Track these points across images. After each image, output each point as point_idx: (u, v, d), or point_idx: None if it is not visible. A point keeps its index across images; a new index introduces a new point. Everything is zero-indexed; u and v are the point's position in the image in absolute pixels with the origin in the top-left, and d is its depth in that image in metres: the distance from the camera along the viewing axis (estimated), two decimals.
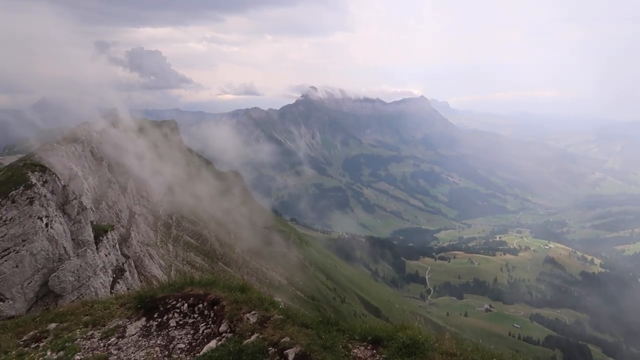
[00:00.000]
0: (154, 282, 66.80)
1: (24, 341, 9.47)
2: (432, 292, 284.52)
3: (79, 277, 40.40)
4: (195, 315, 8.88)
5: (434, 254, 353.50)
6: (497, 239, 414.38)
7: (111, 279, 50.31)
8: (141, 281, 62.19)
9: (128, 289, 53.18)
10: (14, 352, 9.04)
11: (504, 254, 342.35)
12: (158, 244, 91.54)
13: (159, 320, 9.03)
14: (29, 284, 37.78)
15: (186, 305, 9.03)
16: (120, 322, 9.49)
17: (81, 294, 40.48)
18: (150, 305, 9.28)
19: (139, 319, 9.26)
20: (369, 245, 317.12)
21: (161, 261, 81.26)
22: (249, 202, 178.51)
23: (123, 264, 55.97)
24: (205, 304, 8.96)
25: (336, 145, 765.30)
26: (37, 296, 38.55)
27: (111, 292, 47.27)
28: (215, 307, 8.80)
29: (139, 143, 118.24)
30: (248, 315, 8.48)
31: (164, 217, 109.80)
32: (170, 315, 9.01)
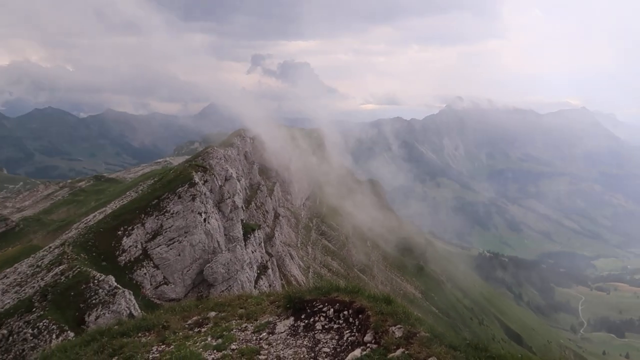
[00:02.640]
0: (293, 282, 69.92)
1: (189, 325, 10.58)
2: (585, 326, 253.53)
3: (228, 270, 43.92)
4: (341, 322, 8.85)
5: (589, 283, 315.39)
6: None
7: (255, 275, 53.88)
8: (281, 279, 65.58)
9: (270, 285, 56.43)
10: (180, 333, 10.16)
11: None
12: (298, 245, 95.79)
13: (306, 321, 9.19)
14: (187, 271, 42.12)
15: (332, 310, 9.06)
16: (271, 319, 9.88)
17: (230, 286, 43.91)
18: (298, 306, 9.54)
19: (287, 317, 9.54)
20: (512, 266, 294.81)
21: (300, 262, 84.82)
22: (386, 211, 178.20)
23: (267, 262, 59.59)
24: (350, 311, 8.89)
25: (481, 158, 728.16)
26: (194, 283, 42.80)
27: (255, 287, 50.54)
28: (360, 316, 8.66)
29: (287, 149, 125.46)
30: (394, 328, 8.15)
31: (305, 220, 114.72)
32: (317, 319, 9.12)
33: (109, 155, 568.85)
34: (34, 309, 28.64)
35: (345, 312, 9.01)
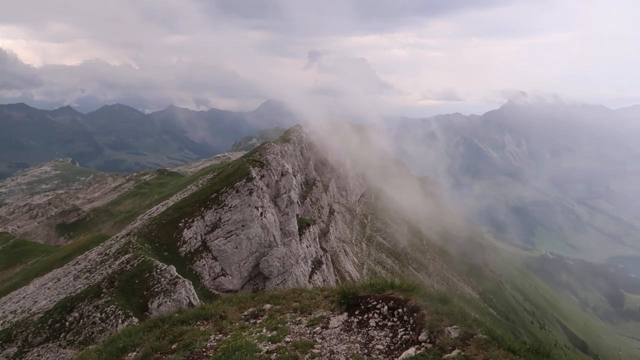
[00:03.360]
0: (347, 278, 69.96)
1: (245, 316, 10.90)
2: None
3: (283, 264, 44.58)
4: (395, 319, 8.73)
5: None
6: None
7: (310, 269, 54.36)
8: (335, 275, 65.79)
9: (324, 280, 56.76)
10: (237, 324, 10.49)
11: None
12: (353, 241, 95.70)
13: (360, 317, 9.15)
14: (244, 264, 43.15)
15: (386, 307, 8.96)
16: (325, 314, 9.92)
17: (284, 279, 44.56)
18: (352, 302, 9.52)
19: (341, 313, 9.54)
20: (578, 269, 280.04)
21: (355, 258, 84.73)
22: (444, 209, 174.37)
23: (321, 257, 59.95)
24: (405, 309, 8.75)
25: (544, 155, 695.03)
26: (250, 275, 43.80)
27: (309, 282, 51.03)
28: (415, 315, 8.50)
29: (342, 145, 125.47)
30: (449, 328, 7.95)
31: (360, 216, 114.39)
32: (370, 315, 9.05)
33: (171, 150, 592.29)
34: (102, 295, 30.34)
35: (400, 310, 8.89)
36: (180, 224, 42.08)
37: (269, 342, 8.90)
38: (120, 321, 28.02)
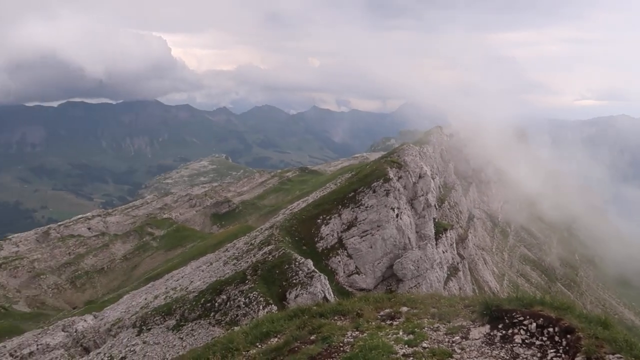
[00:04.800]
0: (485, 288, 66.24)
1: (381, 316, 10.92)
2: None
3: (418, 267, 43.72)
4: (544, 339, 7.95)
5: None
6: None
7: (445, 275, 52.57)
8: (472, 284, 62.71)
9: (460, 288, 54.47)
10: (373, 323, 10.53)
11: None
12: (493, 250, 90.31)
13: (504, 332, 8.51)
14: (378, 264, 43.26)
15: (534, 325, 8.19)
16: (464, 323, 9.45)
17: (418, 283, 43.71)
18: (495, 315, 8.89)
19: (483, 325, 8.98)
20: None
21: (494, 268, 79.91)
22: (601, 222, 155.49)
23: (458, 264, 57.63)
24: (556, 329, 7.91)
25: None
26: (383, 276, 43.78)
27: (444, 288, 49.38)
28: (568, 336, 7.64)
29: (485, 149, 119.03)
30: (611, 357, 7.01)
31: (502, 224, 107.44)
32: (516, 331, 8.36)
33: (313, 149, 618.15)
34: (247, 281, 32.80)
35: (551, 329, 8.06)
36: (319, 221, 43.65)
37: (405, 345, 8.72)
38: (261, 307, 30.01)
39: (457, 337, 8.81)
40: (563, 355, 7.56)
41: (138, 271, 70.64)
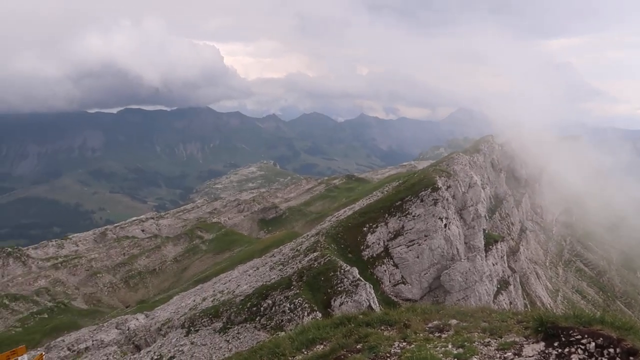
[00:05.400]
0: (538, 304, 63.57)
1: (429, 328, 10.60)
2: None
3: (466, 279, 42.61)
4: (603, 359, 7.51)
5: None
6: None
7: (495, 289, 50.89)
8: (524, 298, 60.33)
9: (510, 302, 52.55)
10: (421, 334, 10.27)
11: None
12: (547, 264, 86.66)
13: (559, 350, 8.10)
14: (424, 274, 42.48)
15: (594, 344, 7.73)
16: (517, 339, 9.07)
17: (466, 296, 42.57)
18: (550, 332, 8.46)
19: (537, 342, 8.58)
20: None
21: (548, 283, 76.66)
22: None
23: (509, 277, 55.67)
24: (618, 350, 7.44)
25: None
26: (430, 287, 42.94)
27: (494, 302, 47.80)
28: (631, 358, 7.19)
29: (540, 158, 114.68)
30: None
31: (557, 237, 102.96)
32: (573, 350, 7.92)
33: (360, 157, 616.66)
34: (292, 287, 33.01)
35: (611, 350, 7.59)
36: (365, 229, 43.42)
37: (455, 359, 8.52)
38: (306, 313, 30.10)
39: (510, 354, 8.45)
40: None
41: (187, 273, 72.68)
